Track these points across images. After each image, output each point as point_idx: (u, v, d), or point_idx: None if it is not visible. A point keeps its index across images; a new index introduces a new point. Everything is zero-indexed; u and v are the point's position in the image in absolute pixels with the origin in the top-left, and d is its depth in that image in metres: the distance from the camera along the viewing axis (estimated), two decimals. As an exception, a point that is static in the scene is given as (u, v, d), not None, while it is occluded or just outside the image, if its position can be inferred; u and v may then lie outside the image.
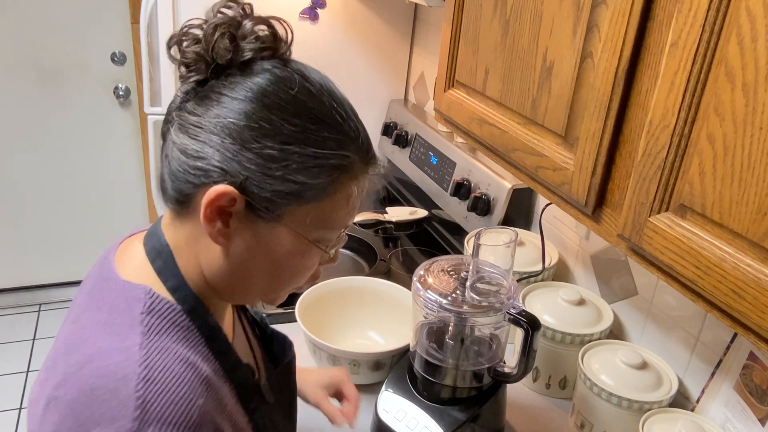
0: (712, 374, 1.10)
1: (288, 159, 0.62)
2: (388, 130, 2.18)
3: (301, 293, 1.29)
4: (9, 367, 2.55)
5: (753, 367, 1.01)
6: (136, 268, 0.69)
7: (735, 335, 1.06)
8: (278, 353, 0.90)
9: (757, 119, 0.59)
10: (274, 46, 0.66)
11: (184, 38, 0.65)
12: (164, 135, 0.67)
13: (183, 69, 0.65)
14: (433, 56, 2.09)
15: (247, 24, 0.64)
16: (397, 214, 1.93)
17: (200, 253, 0.68)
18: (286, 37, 0.67)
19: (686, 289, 0.71)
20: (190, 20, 0.66)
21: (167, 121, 0.67)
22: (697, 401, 1.12)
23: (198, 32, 0.64)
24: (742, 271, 0.62)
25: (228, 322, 0.80)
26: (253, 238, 0.65)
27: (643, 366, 1.11)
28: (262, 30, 0.65)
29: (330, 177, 0.64)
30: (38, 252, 2.86)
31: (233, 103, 0.62)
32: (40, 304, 2.95)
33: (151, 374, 0.60)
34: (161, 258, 0.69)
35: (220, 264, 0.68)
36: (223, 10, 0.65)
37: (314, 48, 2.09)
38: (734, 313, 0.64)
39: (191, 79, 0.65)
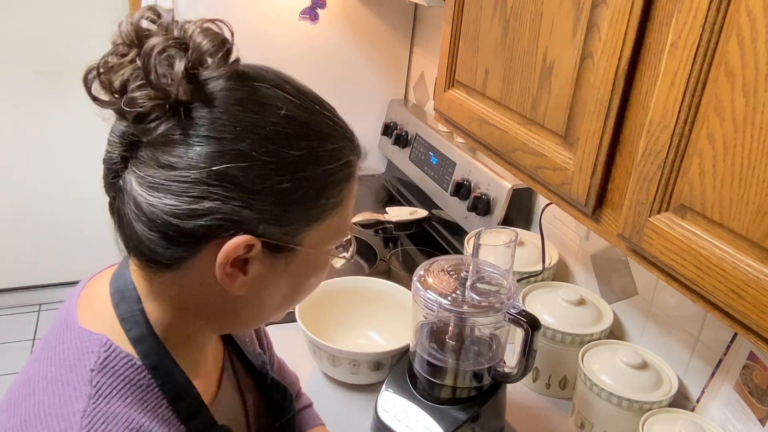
0: (712, 374, 1.10)
1: (303, 186, 0.55)
2: (388, 130, 2.18)
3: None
4: (9, 367, 2.55)
5: (753, 367, 1.01)
6: (96, 313, 0.61)
7: (735, 335, 1.06)
8: (279, 406, 0.82)
9: (757, 119, 0.59)
10: (235, 64, 0.55)
11: (109, 73, 0.53)
12: (117, 192, 0.56)
13: (134, 118, 0.53)
14: (433, 56, 2.09)
15: (203, 44, 0.53)
16: (397, 214, 1.93)
17: (196, 303, 0.60)
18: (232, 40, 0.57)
19: (686, 289, 0.71)
20: (111, 49, 0.55)
21: (115, 176, 0.56)
22: (697, 401, 1.12)
23: (128, 66, 0.52)
24: (742, 271, 0.62)
25: (213, 367, 0.72)
26: (272, 273, 0.59)
27: (643, 366, 1.11)
28: (216, 48, 0.54)
29: (342, 188, 0.59)
30: (38, 252, 2.86)
31: (222, 144, 0.52)
32: (40, 304, 2.94)
33: None
34: (125, 302, 0.60)
35: (230, 308, 0.61)
36: (151, 16, 0.54)
37: (314, 48, 2.09)
38: (734, 313, 0.64)
39: (158, 131, 0.52)
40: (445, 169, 1.83)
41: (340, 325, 1.33)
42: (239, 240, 0.54)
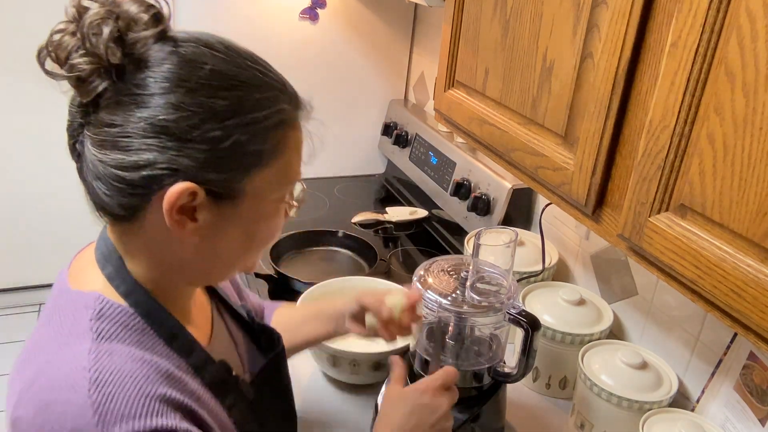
0: (712, 374, 1.10)
1: (232, 134, 0.60)
2: (388, 130, 2.18)
3: (302, 292, 1.28)
4: (9, 367, 2.55)
5: (753, 367, 1.01)
6: (86, 276, 0.67)
7: (735, 335, 1.06)
8: (268, 348, 0.88)
9: (757, 119, 0.59)
10: (163, 27, 0.62)
11: (57, 49, 0.60)
12: (78, 156, 0.63)
13: (75, 82, 0.60)
14: (433, 56, 2.09)
15: (130, 9, 0.60)
16: (397, 214, 1.93)
17: (164, 255, 0.66)
18: (168, 12, 0.63)
19: (686, 289, 0.71)
20: (56, 27, 0.61)
21: (74, 141, 0.63)
22: (697, 401, 1.12)
23: (70, 38, 0.60)
24: (742, 271, 0.62)
25: (203, 319, 0.78)
26: (221, 220, 0.64)
27: (643, 366, 1.11)
28: (142, 12, 0.60)
29: (276, 135, 0.63)
30: (38, 252, 2.86)
31: (154, 99, 0.58)
32: (40, 304, 2.94)
33: (101, 377, 0.58)
34: (110, 264, 0.66)
35: (192, 257, 0.66)
36: (86, 4, 0.61)
37: (314, 48, 2.09)
38: (734, 313, 0.64)
39: (96, 91, 0.59)
40: (445, 169, 1.83)
41: (340, 325, 1.33)
42: (179, 187, 0.59)
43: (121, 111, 0.59)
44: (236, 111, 0.60)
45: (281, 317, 1.06)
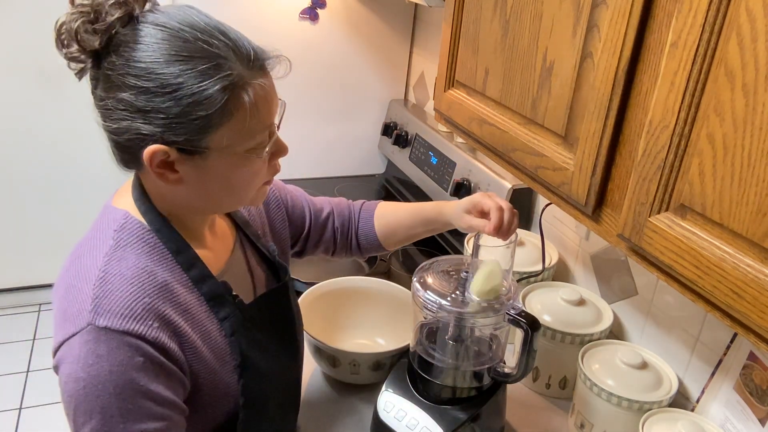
0: (712, 374, 1.10)
1: (181, 102, 0.71)
2: (388, 130, 2.18)
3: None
4: (9, 367, 2.55)
5: (753, 367, 1.01)
6: (122, 197, 0.84)
7: (735, 335, 1.06)
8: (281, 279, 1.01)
9: (757, 119, 0.59)
10: (128, 10, 0.73)
11: (63, 39, 0.75)
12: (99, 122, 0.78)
13: (74, 65, 0.75)
14: (433, 56, 2.09)
15: (95, 0, 0.72)
16: (397, 214, 1.93)
17: (166, 193, 0.81)
18: None
19: (686, 289, 0.71)
20: (63, 18, 0.75)
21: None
22: (697, 401, 1.12)
23: (63, 32, 0.74)
24: (742, 271, 0.62)
25: (222, 248, 0.92)
26: (199, 171, 0.77)
27: (643, 366, 1.11)
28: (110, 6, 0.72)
29: (224, 97, 0.72)
30: (38, 252, 2.86)
31: (121, 79, 0.71)
32: (40, 304, 2.94)
33: (106, 276, 0.75)
34: (137, 190, 0.82)
35: (186, 197, 0.80)
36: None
37: (314, 48, 2.09)
38: (734, 313, 0.64)
39: (80, 70, 0.75)
40: (445, 169, 1.83)
41: (340, 325, 1.33)
42: (150, 149, 0.73)
43: (104, 88, 0.74)
44: (181, 84, 0.71)
45: (386, 208, 1.18)
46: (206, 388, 0.82)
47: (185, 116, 0.72)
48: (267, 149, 0.79)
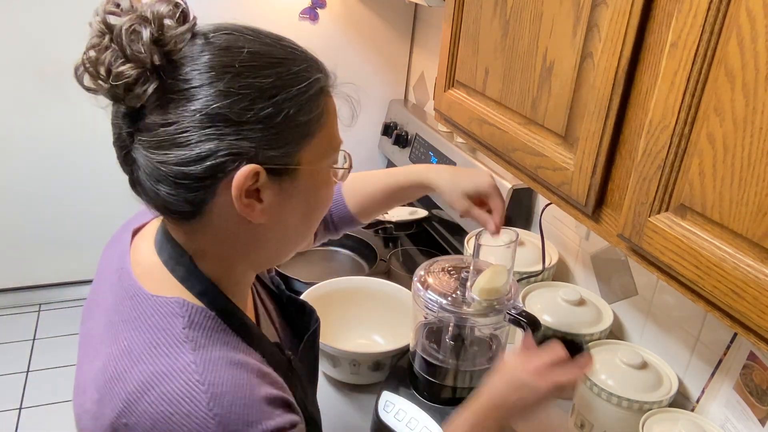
0: (712, 374, 1.10)
1: (283, 108, 0.62)
2: (388, 130, 2.18)
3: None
4: (9, 367, 2.55)
5: (753, 367, 1.02)
6: (159, 281, 0.68)
7: (735, 335, 1.06)
8: (298, 321, 0.90)
9: (757, 119, 0.59)
10: (194, 22, 0.64)
11: (95, 64, 0.60)
12: (131, 165, 0.64)
13: (123, 90, 0.60)
14: (433, 56, 2.09)
15: (160, 10, 0.61)
16: (397, 214, 1.93)
17: (234, 244, 0.68)
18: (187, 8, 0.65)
19: (686, 289, 0.71)
20: (88, 44, 0.62)
21: (125, 152, 0.64)
22: (697, 401, 1.12)
23: (105, 52, 0.60)
24: (742, 271, 0.62)
25: (249, 303, 0.80)
26: (284, 196, 0.66)
27: (643, 366, 1.11)
28: (172, 11, 0.62)
29: (319, 103, 0.66)
30: (38, 252, 2.86)
31: (203, 90, 0.60)
32: (40, 304, 2.94)
33: (215, 390, 0.61)
34: (182, 266, 0.68)
35: (261, 240, 0.68)
36: (111, 9, 0.62)
37: (314, 48, 2.09)
38: (734, 313, 0.64)
39: (147, 95, 0.60)
40: (445, 169, 1.83)
41: (340, 325, 1.33)
42: (245, 170, 0.61)
43: (173, 108, 0.60)
44: (281, 86, 0.62)
45: (353, 183, 1.09)
46: None
47: (286, 124, 0.63)
48: (338, 166, 0.71)
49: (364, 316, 1.35)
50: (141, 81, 0.59)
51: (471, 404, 0.85)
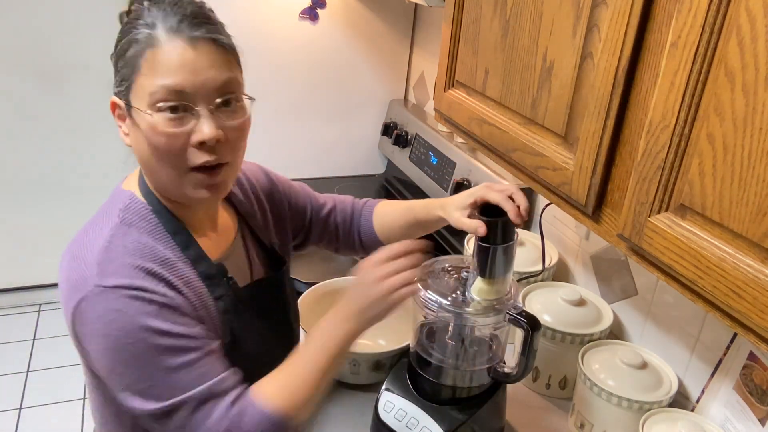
0: (712, 374, 1.10)
1: (118, 55, 0.82)
2: (388, 130, 2.18)
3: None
4: (9, 367, 2.55)
5: (753, 367, 1.02)
6: (131, 181, 0.92)
7: (735, 335, 1.06)
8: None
9: (757, 119, 0.59)
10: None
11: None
12: None
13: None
14: (433, 56, 2.09)
15: None
16: (397, 214, 1.93)
17: (140, 164, 0.88)
18: None
19: (686, 289, 0.71)
20: None
21: None
22: (697, 401, 1.12)
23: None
24: (742, 271, 0.62)
25: (223, 239, 0.97)
26: (133, 128, 0.83)
27: (643, 366, 1.11)
28: None
29: (132, 52, 0.80)
30: (38, 252, 2.86)
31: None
32: (40, 304, 2.94)
33: (110, 246, 0.82)
34: (140, 172, 0.90)
35: (142, 163, 0.86)
36: None
37: (314, 48, 2.09)
38: (734, 313, 0.64)
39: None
40: (445, 169, 1.83)
41: (340, 325, 1.32)
42: (111, 99, 0.84)
43: None
44: (120, 39, 0.82)
45: (384, 207, 1.21)
46: None
47: (117, 68, 0.82)
48: (167, 114, 0.79)
49: (364, 316, 1.34)
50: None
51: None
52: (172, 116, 0.79)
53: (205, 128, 0.80)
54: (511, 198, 0.97)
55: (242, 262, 1.00)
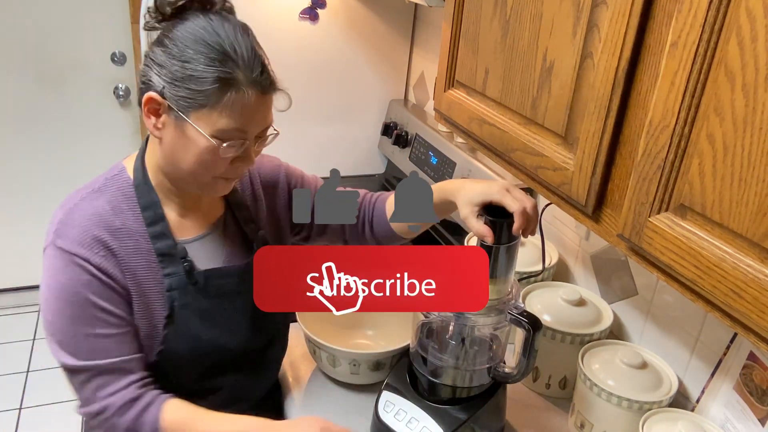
0: (712, 374, 1.10)
1: (186, 72, 0.87)
2: (388, 130, 2.18)
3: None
4: (9, 367, 2.55)
5: (753, 367, 1.02)
6: (131, 157, 1.01)
7: (735, 335, 1.06)
8: None
9: (757, 119, 0.59)
10: (203, 1, 0.92)
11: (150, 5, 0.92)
12: None
13: (148, 18, 0.93)
14: (433, 56, 2.09)
15: None
16: (397, 214, 1.93)
17: (154, 147, 0.96)
18: None
19: (686, 289, 0.71)
20: None
21: None
22: (697, 401, 1.12)
23: None
24: (742, 271, 0.62)
25: (202, 222, 1.04)
26: (175, 132, 0.91)
27: (643, 366, 1.11)
28: None
29: (215, 86, 0.87)
30: (38, 252, 2.85)
31: (165, 40, 0.90)
32: (40, 304, 2.94)
33: (72, 209, 0.94)
34: (140, 152, 1.00)
35: (161, 153, 0.94)
36: None
37: (314, 48, 2.09)
38: (734, 313, 0.64)
39: (148, 27, 0.94)
40: (445, 169, 1.83)
41: (340, 325, 1.33)
42: (150, 94, 0.90)
43: (153, 41, 0.93)
44: (193, 60, 0.87)
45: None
46: (138, 321, 0.97)
47: (183, 83, 0.88)
48: (225, 145, 0.90)
49: (364, 316, 1.35)
50: (152, 20, 0.93)
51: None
52: (227, 145, 0.90)
53: (248, 159, 0.94)
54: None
55: (215, 247, 1.05)
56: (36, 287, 2.88)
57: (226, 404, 1.02)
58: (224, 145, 0.90)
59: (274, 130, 0.97)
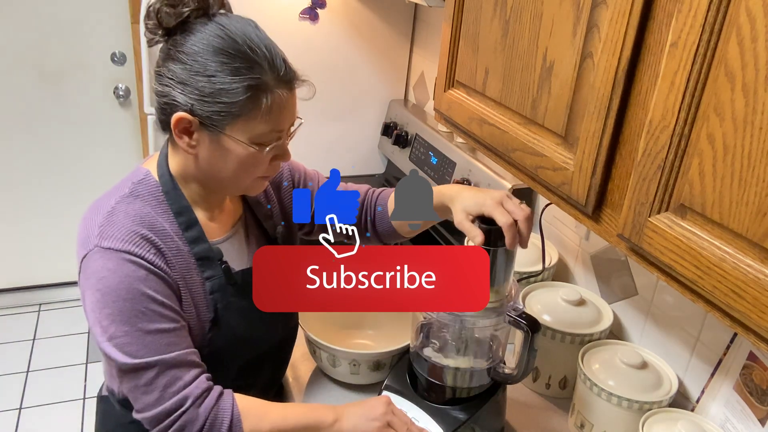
0: (712, 374, 1.10)
1: (214, 87, 0.87)
2: (388, 130, 2.18)
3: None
4: (9, 367, 2.55)
5: (753, 367, 1.02)
6: (151, 161, 1.00)
7: (735, 335, 1.06)
8: None
9: (757, 119, 0.59)
10: (203, 6, 0.90)
11: (149, 13, 0.89)
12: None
13: (148, 35, 0.91)
14: (433, 56, 2.09)
15: None
16: (397, 214, 1.93)
17: (185, 160, 0.95)
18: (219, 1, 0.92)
19: (686, 289, 0.71)
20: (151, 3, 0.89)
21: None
22: (697, 401, 1.12)
23: (150, 8, 0.89)
24: (742, 271, 0.62)
25: (226, 223, 1.05)
26: (212, 146, 0.91)
27: (643, 366, 1.11)
28: None
29: (247, 95, 0.87)
30: (38, 252, 2.86)
31: (179, 56, 0.88)
32: (40, 304, 2.94)
33: (114, 212, 0.92)
34: (162, 157, 0.99)
35: (196, 167, 0.95)
36: None
37: (314, 48, 2.09)
38: (734, 313, 0.64)
39: (153, 43, 0.92)
40: (445, 169, 1.83)
41: (340, 325, 1.33)
42: (178, 114, 0.89)
43: (166, 60, 0.90)
44: (220, 72, 0.87)
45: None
46: (188, 320, 0.96)
47: (213, 97, 0.87)
48: (268, 149, 0.91)
49: (364, 316, 1.35)
50: (153, 35, 0.91)
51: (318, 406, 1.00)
52: (268, 149, 0.91)
53: (286, 154, 0.97)
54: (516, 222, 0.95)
55: (241, 246, 1.06)
56: (36, 287, 2.92)
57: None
58: (266, 149, 0.91)
59: (299, 118, 0.99)
